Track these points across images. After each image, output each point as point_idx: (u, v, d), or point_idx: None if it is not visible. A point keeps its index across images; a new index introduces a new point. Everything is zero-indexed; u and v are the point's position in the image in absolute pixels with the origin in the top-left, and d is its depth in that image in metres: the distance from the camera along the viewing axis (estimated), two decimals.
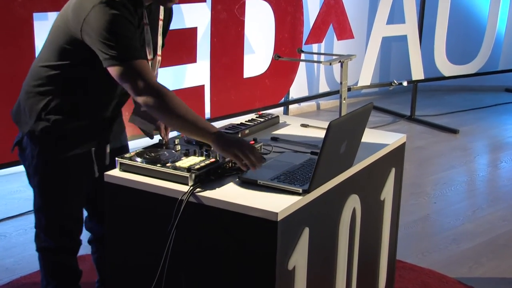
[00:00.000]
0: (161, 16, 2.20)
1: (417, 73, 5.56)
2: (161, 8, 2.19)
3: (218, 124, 2.47)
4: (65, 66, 2.05)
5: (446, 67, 5.73)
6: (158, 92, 1.93)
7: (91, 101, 2.12)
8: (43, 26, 2.20)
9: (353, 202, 2.20)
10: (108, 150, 2.23)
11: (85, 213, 2.36)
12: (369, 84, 5.46)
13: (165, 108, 1.92)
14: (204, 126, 1.95)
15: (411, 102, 5.73)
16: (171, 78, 4.72)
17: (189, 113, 1.94)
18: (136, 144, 3.67)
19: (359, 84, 5.44)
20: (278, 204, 1.82)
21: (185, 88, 4.39)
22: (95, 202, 2.32)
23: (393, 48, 6.48)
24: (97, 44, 1.92)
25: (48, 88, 2.08)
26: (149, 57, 2.13)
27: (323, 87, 6.04)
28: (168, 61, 4.13)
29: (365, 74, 5.40)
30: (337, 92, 5.28)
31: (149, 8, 2.12)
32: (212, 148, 2.08)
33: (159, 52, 2.22)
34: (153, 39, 2.17)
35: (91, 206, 2.35)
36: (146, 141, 3.70)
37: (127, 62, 1.92)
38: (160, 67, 4.00)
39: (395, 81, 5.51)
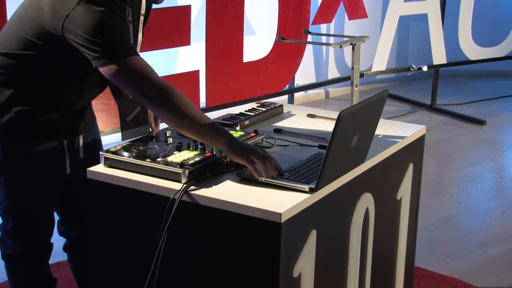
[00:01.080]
0: (143, 10, 2.20)
1: (439, 57, 5.56)
2: (143, 1, 2.18)
3: (215, 114, 2.48)
4: (31, 57, 2.04)
5: (471, 50, 5.73)
6: (165, 90, 1.93)
7: (61, 94, 2.12)
8: (16, 4, 2.20)
9: (366, 202, 2.21)
10: (81, 142, 2.24)
11: (56, 217, 2.37)
12: (384, 69, 5.46)
13: (172, 107, 1.93)
14: (216, 129, 1.96)
15: (431, 89, 5.74)
16: (161, 62, 4.73)
17: (198, 113, 1.96)
18: (109, 139, 3.68)
19: (373, 69, 5.44)
20: (281, 203, 1.84)
21: (177, 74, 4.39)
22: (67, 203, 2.33)
23: (412, 29, 6.48)
24: (84, 42, 1.92)
25: (11, 78, 2.08)
26: None
27: (333, 73, 6.05)
28: (158, 44, 4.14)
29: (380, 58, 5.40)
30: (348, 78, 5.29)
31: (131, 2, 2.12)
32: None
33: (138, 49, 2.23)
34: (134, 37, 2.18)
35: (63, 208, 2.36)
36: (117, 137, 3.70)
37: (122, 60, 1.92)
38: (149, 50, 4.01)
39: (414, 66, 5.51)
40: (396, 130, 2.49)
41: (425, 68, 5.53)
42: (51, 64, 2.05)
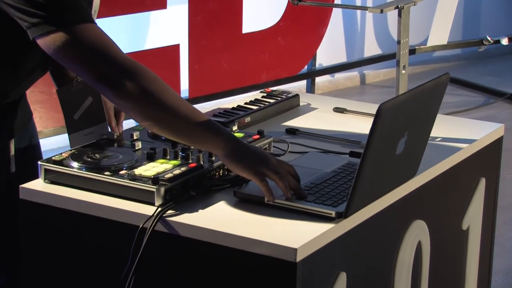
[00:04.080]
0: None
1: None
2: None
3: (201, 108, 2.50)
4: None
5: None
6: (131, 71, 1.94)
7: None
8: None
9: (418, 233, 2.23)
10: (12, 150, 2.26)
11: None
12: (445, 43, 5.47)
13: (143, 96, 1.93)
14: (209, 125, 1.97)
15: None
16: (127, 34, 4.74)
17: (181, 103, 1.96)
18: (50, 144, 3.69)
19: (429, 44, 5.45)
20: (297, 235, 1.85)
21: (148, 50, 4.41)
22: None
23: None
24: (18, 2, 1.93)
25: None
26: None
27: (371, 49, 6.05)
28: (121, 7, 4.16)
29: (439, 28, 5.41)
30: (392, 56, 5.30)
31: None
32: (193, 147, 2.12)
33: (95, 16, 2.24)
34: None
35: None
36: (62, 140, 3.70)
37: (71, 27, 1.93)
38: (108, 15, 4.02)
39: (489, 38, 5.52)
40: (461, 130, 2.51)
41: (504, 41, 5.53)
42: None
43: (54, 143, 3.89)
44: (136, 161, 2.09)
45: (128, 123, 2.41)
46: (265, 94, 2.67)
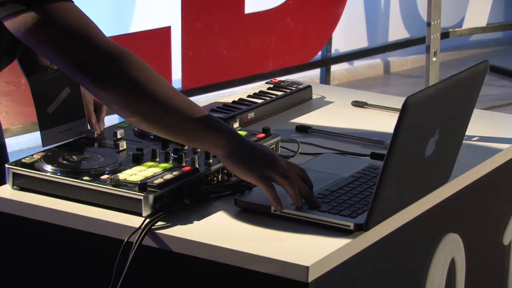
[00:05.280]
0: None
1: None
2: None
3: (197, 102, 2.51)
4: None
5: None
6: (114, 58, 1.94)
7: None
8: None
9: (451, 249, 2.23)
10: None
11: None
12: (484, 25, 5.47)
13: (130, 87, 1.94)
14: (206, 120, 1.97)
15: None
16: (111, 14, 4.75)
17: (174, 93, 1.97)
18: (18, 144, 3.69)
19: (465, 26, 5.45)
20: (309, 251, 1.86)
21: (135, 33, 4.42)
22: None
23: None
24: None
25: None
26: None
27: (397, 32, 6.05)
28: None
29: (477, 7, 5.41)
30: (422, 40, 5.31)
31: None
32: (187, 148, 2.13)
33: None
34: None
35: None
36: (33, 139, 3.70)
37: (45, 6, 1.94)
38: None
39: None
40: (502, 128, 2.52)
41: None
42: None
43: (23, 142, 3.90)
44: (120, 164, 2.09)
45: (111, 119, 2.41)
46: (271, 86, 2.67)
